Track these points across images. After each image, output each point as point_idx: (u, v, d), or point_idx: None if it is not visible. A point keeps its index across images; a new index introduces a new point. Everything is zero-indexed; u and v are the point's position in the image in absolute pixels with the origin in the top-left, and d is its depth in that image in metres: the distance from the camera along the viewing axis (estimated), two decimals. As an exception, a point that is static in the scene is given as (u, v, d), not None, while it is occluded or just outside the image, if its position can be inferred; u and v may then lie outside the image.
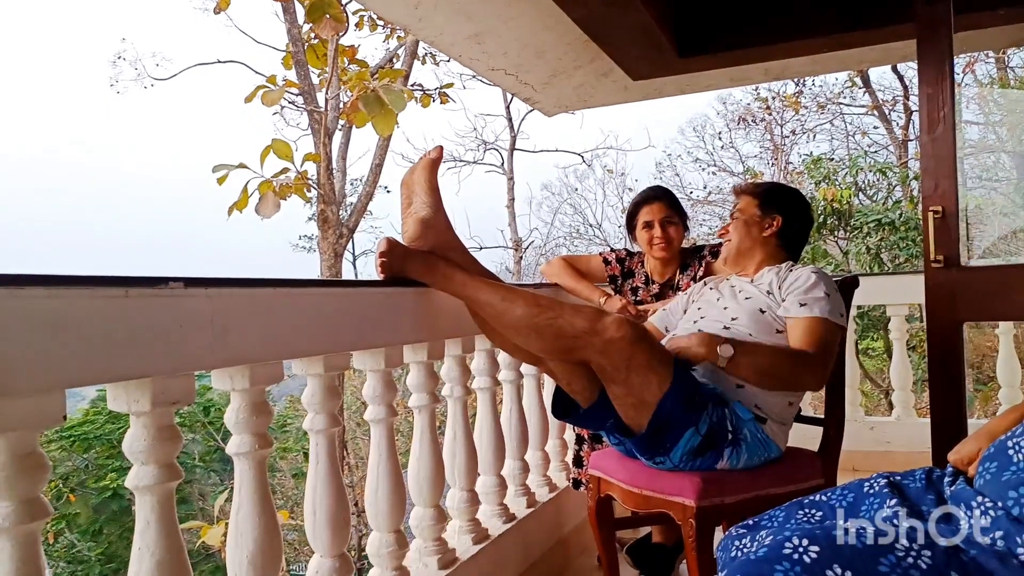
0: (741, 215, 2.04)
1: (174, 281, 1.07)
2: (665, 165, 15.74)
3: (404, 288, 1.68)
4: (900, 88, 11.93)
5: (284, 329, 1.30)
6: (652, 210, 2.52)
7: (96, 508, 10.49)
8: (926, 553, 0.94)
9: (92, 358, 0.96)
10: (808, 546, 0.95)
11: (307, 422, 1.54)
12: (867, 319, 8.16)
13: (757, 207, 2.03)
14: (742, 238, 2.03)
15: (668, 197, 2.57)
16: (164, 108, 41.13)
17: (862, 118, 13.20)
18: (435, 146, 1.77)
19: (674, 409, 1.60)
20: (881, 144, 12.67)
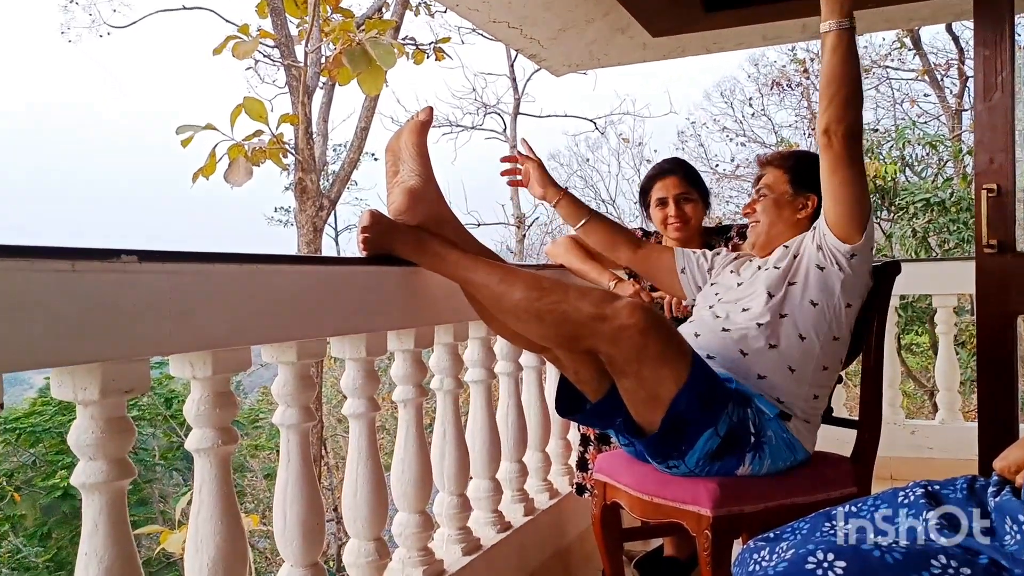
0: (770, 192, 2.03)
1: (127, 254, 1.06)
2: (688, 134, 15.70)
3: (389, 267, 1.68)
4: (955, 50, 11.85)
5: (253, 311, 1.30)
6: (666, 185, 2.52)
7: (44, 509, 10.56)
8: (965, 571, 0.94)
9: (33, 340, 0.96)
10: (834, 561, 0.96)
11: (277, 415, 1.54)
12: (911, 311, 8.17)
13: (788, 183, 2.02)
14: (772, 221, 2.03)
15: (684, 170, 2.56)
16: (122, 60, 40.96)
17: (911, 84, 13.14)
18: (425, 107, 1.76)
19: (690, 407, 1.60)
20: (932, 114, 12.62)
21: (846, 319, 1.88)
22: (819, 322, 1.84)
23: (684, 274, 2.24)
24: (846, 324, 1.89)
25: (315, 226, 7.77)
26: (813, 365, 1.83)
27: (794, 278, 1.87)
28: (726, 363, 1.82)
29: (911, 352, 10.58)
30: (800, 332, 1.83)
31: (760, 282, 1.92)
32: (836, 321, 1.86)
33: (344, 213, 19.72)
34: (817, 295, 1.84)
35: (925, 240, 8.07)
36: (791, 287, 1.87)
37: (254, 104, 3.84)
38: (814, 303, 1.84)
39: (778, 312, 1.84)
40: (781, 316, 1.84)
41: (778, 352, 1.82)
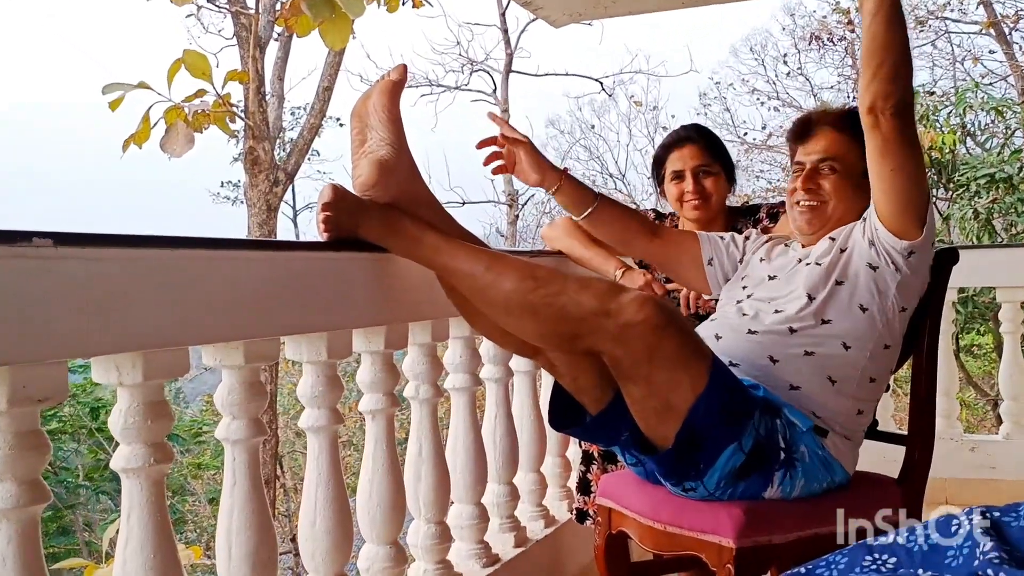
0: (840, 166, 1.95)
1: (40, 237, 1.06)
2: (712, 96, 15.69)
3: (355, 253, 1.67)
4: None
5: (191, 305, 1.30)
6: (683, 155, 2.52)
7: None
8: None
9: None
10: (877, 601, 0.96)
11: (221, 429, 1.54)
12: (972, 306, 8.19)
13: (860, 154, 1.93)
14: (847, 206, 1.95)
15: (705, 138, 2.56)
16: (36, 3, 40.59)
17: (974, 39, 13.15)
18: (398, 64, 1.75)
19: (710, 418, 1.60)
20: (998, 74, 12.64)
21: (900, 324, 1.88)
22: (869, 329, 1.83)
23: (711, 266, 2.17)
24: (899, 330, 1.89)
25: (269, 204, 7.75)
26: (858, 376, 1.83)
27: (842, 276, 1.86)
28: (752, 371, 1.82)
29: (971, 355, 10.62)
30: (845, 340, 1.83)
31: (800, 280, 1.91)
32: (888, 328, 1.86)
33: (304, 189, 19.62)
34: (868, 299, 1.84)
35: (989, 223, 8.08)
36: (838, 287, 1.85)
37: (196, 59, 3.81)
38: (864, 308, 1.84)
39: (820, 317, 1.84)
40: (823, 322, 1.83)
41: (816, 360, 1.81)
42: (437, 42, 18.28)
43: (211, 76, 3.94)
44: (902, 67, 1.71)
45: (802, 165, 1.99)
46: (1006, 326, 3.86)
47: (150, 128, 4.04)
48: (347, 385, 2.00)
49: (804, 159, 1.99)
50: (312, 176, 17.43)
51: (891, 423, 3.79)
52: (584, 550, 2.70)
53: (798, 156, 2.01)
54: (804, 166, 1.98)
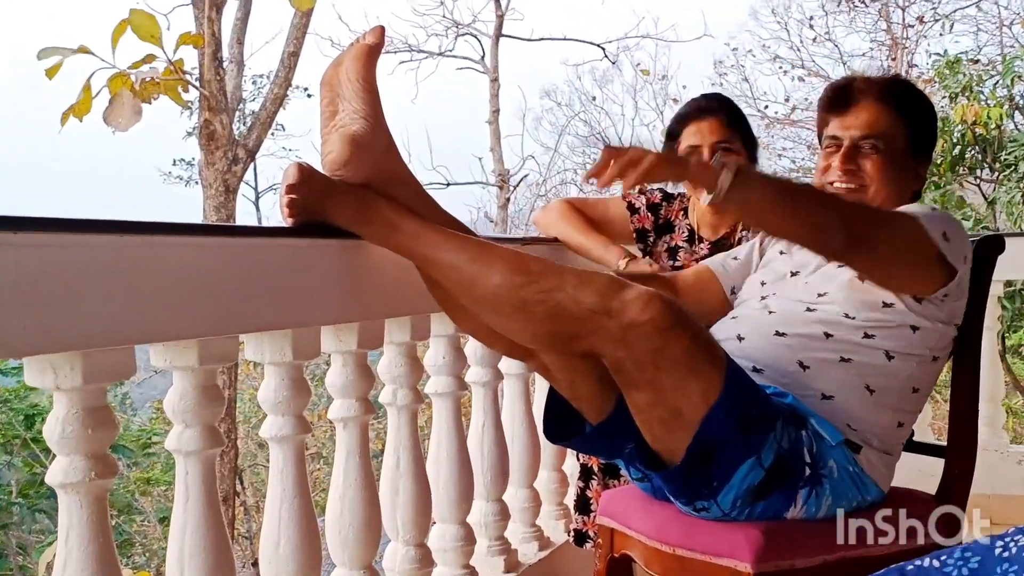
0: (886, 145, 1.93)
1: (-38, 221, 1.05)
2: (728, 64, 15.69)
3: (324, 240, 1.67)
4: (1082, -44, 11.90)
5: (137, 298, 1.29)
6: (702, 129, 2.52)
7: None
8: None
9: None
10: (912, 634, 0.96)
11: (172, 439, 1.53)
12: (1020, 301, 8.22)
13: (908, 139, 1.95)
14: (889, 191, 1.94)
15: (727, 111, 2.56)
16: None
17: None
18: (374, 26, 1.75)
19: (725, 430, 1.61)
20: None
21: (951, 336, 1.91)
22: (919, 345, 1.84)
23: (735, 294, 2.15)
24: (949, 343, 1.91)
25: (227, 185, 7.72)
26: (900, 386, 1.84)
27: (889, 298, 1.84)
28: (779, 377, 1.82)
29: (1019, 356, 10.65)
30: (888, 350, 1.83)
31: (834, 287, 1.89)
32: (939, 340, 1.88)
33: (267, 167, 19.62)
34: (918, 319, 1.84)
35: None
36: (886, 308, 1.84)
37: (144, 19, 3.79)
38: (915, 328, 1.84)
39: (864, 331, 1.84)
40: (866, 335, 1.84)
41: (853, 367, 1.81)
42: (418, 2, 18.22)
43: (161, 39, 3.92)
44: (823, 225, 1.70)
45: (838, 141, 1.97)
46: (1058, 324, 3.88)
47: (92, 98, 4.02)
48: (315, 390, 2.00)
49: (841, 134, 1.96)
50: (276, 153, 17.37)
51: (929, 433, 3.81)
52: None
53: (833, 129, 1.99)
54: (841, 142, 1.96)
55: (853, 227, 1.70)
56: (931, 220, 1.81)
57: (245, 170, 8.28)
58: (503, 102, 14.16)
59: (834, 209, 1.71)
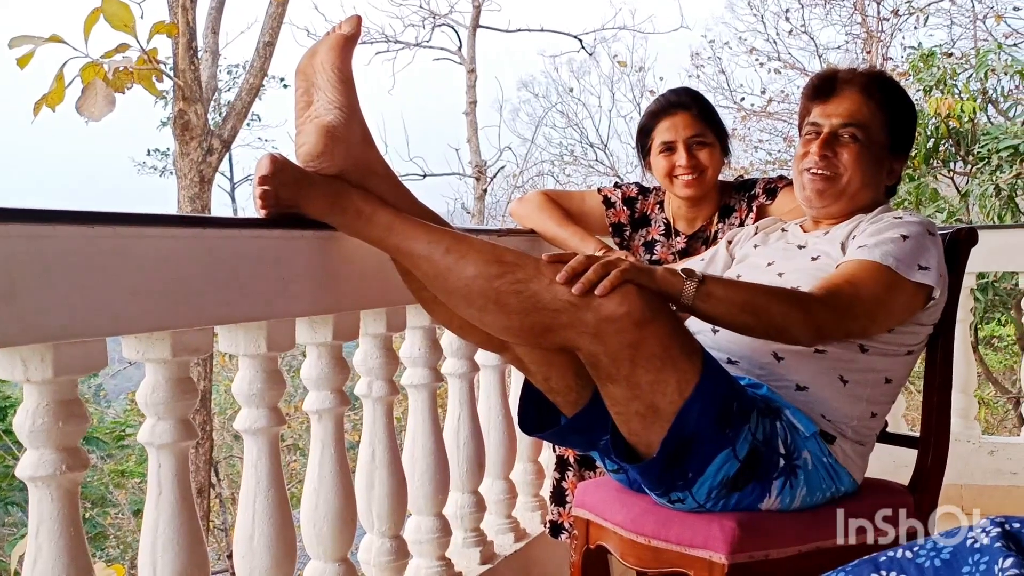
0: (863, 136, 1.95)
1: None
2: (705, 57, 15.71)
3: (298, 232, 1.67)
4: (1055, -50, 11.98)
5: (109, 290, 1.29)
6: (675, 124, 2.53)
7: None
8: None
9: None
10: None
11: (145, 431, 1.53)
12: (992, 293, 8.27)
13: (886, 130, 1.96)
14: (862, 182, 1.96)
15: (699, 105, 2.57)
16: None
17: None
18: (350, 16, 1.74)
19: (701, 422, 1.61)
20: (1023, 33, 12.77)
21: (926, 333, 1.92)
22: (894, 340, 1.86)
23: None
24: (924, 338, 1.93)
25: (202, 175, 7.68)
26: (873, 378, 1.85)
27: None
28: (754, 369, 1.83)
29: (991, 347, 10.75)
30: (863, 344, 1.84)
31: (803, 268, 1.91)
32: (916, 338, 1.90)
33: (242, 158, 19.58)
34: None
35: (1012, 200, 8.16)
36: None
37: (117, 8, 3.76)
38: (890, 329, 1.85)
39: None
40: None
41: (827, 358, 1.82)
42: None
43: (134, 28, 3.89)
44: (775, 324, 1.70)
45: (818, 127, 1.99)
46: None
47: (64, 88, 3.98)
48: (290, 382, 1.99)
49: (822, 121, 1.98)
50: (252, 144, 17.34)
51: (902, 424, 3.83)
52: (558, 567, 2.71)
53: (815, 116, 2.01)
54: (821, 129, 1.98)
55: (819, 327, 1.72)
56: (905, 257, 1.80)
57: (220, 160, 8.23)
58: (480, 93, 14.16)
59: (798, 310, 1.70)
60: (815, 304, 1.71)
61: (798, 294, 1.74)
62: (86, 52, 3.91)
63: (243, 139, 15.03)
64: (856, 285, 1.76)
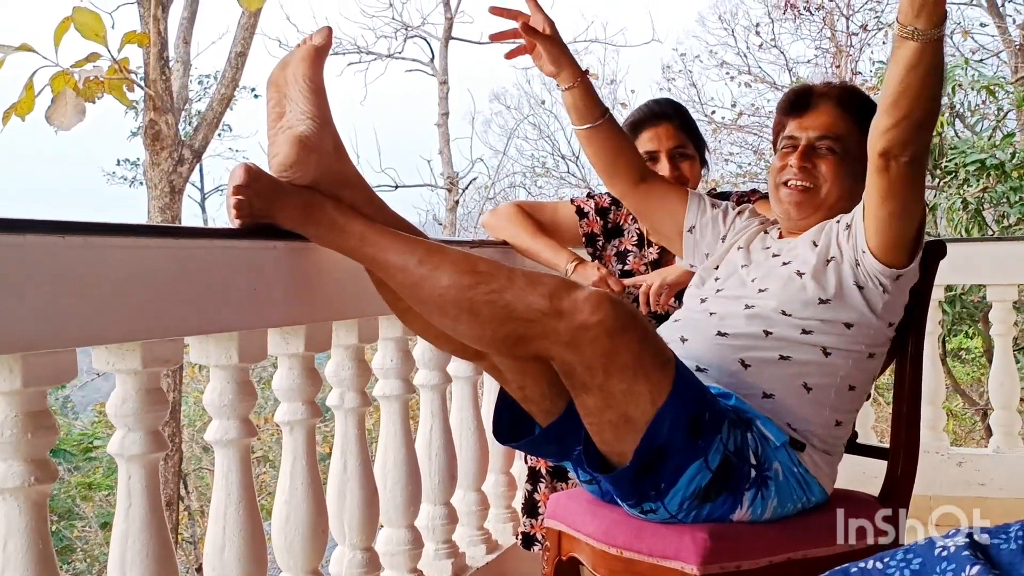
0: (840, 147, 1.98)
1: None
2: (676, 70, 15.79)
3: (270, 242, 1.66)
4: (1020, -33, 12.14)
5: (79, 300, 1.28)
6: (659, 134, 2.54)
7: None
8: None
9: None
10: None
11: (114, 443, 1.52)
12: (960, 306, 8.35)
13: (862, 140, 1.94)
14: (840, 192, 1.99)
15: (681, 117, 2.59)
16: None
17: (963, 10, 13.43)
18: (321, 27, 1.74)
19: (673, 432, 1.61)
20: (990, 49, 12.92)
21: (886, 335, 1.93)
22: (853, 341, 1.87)
23: (690, 234, 2.21)
24: (885, 340, 1.94)
25: (172, 186, 7.64)
26: (837, 383, 1.87)
27: (826, 295, 1.88)
28: (722, 377, 1.84)
29: (959, 360, 10.85)
30: (825, 346, 1.86)
31: (776, 285, 1.93)
32: (874, 338, 1.91)
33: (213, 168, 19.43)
34: (854, 316, 1.87)
35: (979, 214, 8.24)
36: (822, 305, 1.87)
37: (88, 17, 3.74)
38: (849, 324, 1.87)
39: (801, 328, 1.87)
40: (804, 332, 1.86)
41: (791, 365, 1.84)
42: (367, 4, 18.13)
43: (106, 38, 3.87)
44: (929, 119, 1.72)
45: (796, 141, 2.01)
46: (997, 328, 3.93)
47: (34, 97, 3.95)
48: (262, 393, 1.98)
49: (799, 134, 2.01)
50: (223, 154, 17.22)
51: (872, 435, 3.86)
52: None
53: (791, 130, 2.03)
54: (799, 142, 2.00)
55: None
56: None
57: (191, 171, 8.20)
58: (452, 105, 14.17)
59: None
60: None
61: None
62: (56, 61, 3.88)
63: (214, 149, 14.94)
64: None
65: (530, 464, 2.69)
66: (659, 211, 2.25)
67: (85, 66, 4.12)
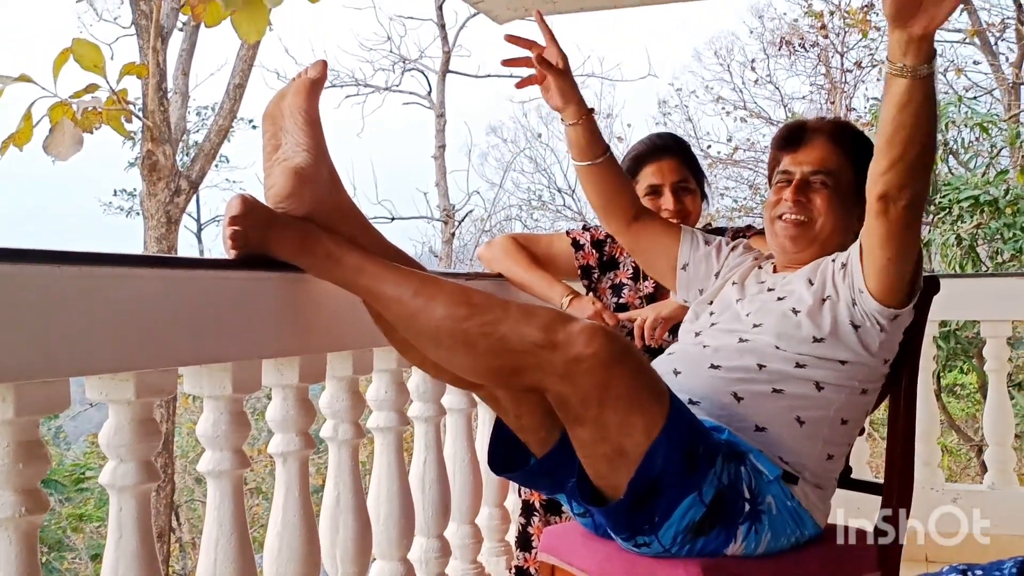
0: (834, 182, 2.00)
1: None
2: (672, 104, 15.91)
3: (266, 273, 1.66)
4: (1013, 6, 12.25)
5: (73, 330, 1.27)
6: (662, 168, 2.56)
7: None
8: None
9: None
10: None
11: (106, 474, 1.51)
12: (954, 341, 8.36)
13: (855, 177, 1.99)
14: (833, 227, 2.00)
15: (684, 151, 2.61)
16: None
17: (957, 48, 13.54)
18: (316, 60, 1.75)
19: (668, 465, 1.61)
20: (983, 87, 13.01)
21: (880, 371, 1.94)
22: (847, 377, 1.88)
23: (684, 271, 2.23)
24: (880, 376, 1.95)
25: (169, 216, 7.66)
26: (830, 417, 1.87)
27: (821, 333, 1.89)
28: (715, 410, 1.84)
29: (954, 395, 10.85)
30: (818, 381, 1.86)
31: (771, 320, 1.94)
32: (868, 374, 1.91)
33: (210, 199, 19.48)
34: (849, 354, 1.88)
35: (972, 250, 8.27)
36: (817, 344, 1.88)
37: (87, 49, 3.76)
38: (843, 361, 1.88)
39: (795, 362, 1.87)
40: (798, 366, 1.87)
41: (784, 399, 1.85)
42: (365, 37, 18.29)
43: (104, 69, 3.89)
44: (924, 160, 1.73)
45: (790, 175, 2.03)
46: (991, 364, 3.93)
47: (32, 127, 3.97)
48: (255, 424, 1.98)
49: (793, 169, 2.03)
50: (220, 185, 17.31)
51: (867, 471, 3.85)
52: (524, 613, 2.69)
53: (786, 165, 2.05)
54: (793, 176, 2.02)
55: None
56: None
57: (188, 201, 8.22)
58: (449, 137, 14.26)
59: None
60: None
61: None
62: (55, 92, 3.90)
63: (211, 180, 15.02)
64: None
65: (524, 497, 2.68)
66: (653, 248, 2.28)
67: (84, 97, 4.14)
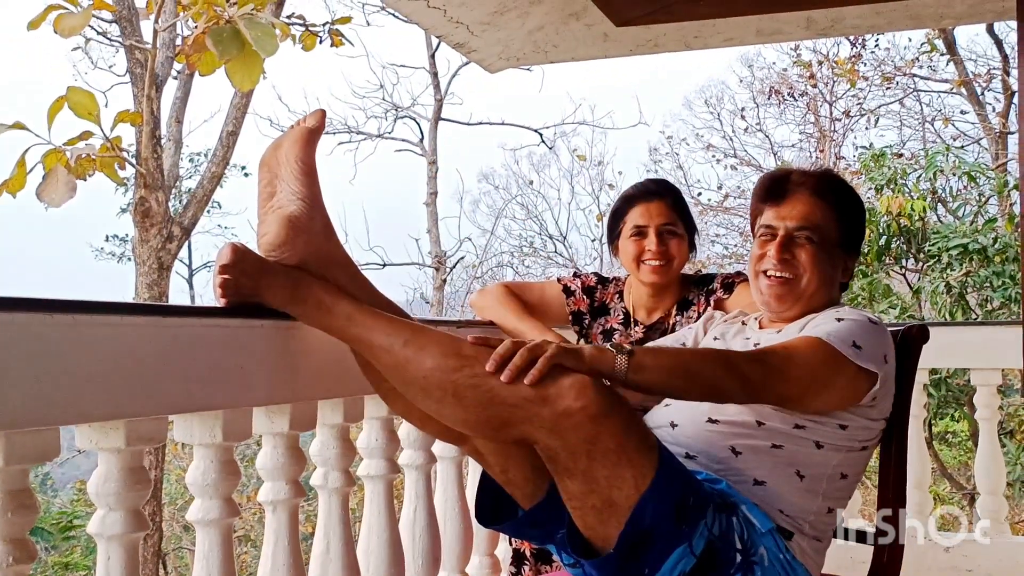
0: (819, 237, 1.98)
1: None
2: (663, 152, 16.05)
3: (256, 321, 1.67)
4: (998, 57, 12.41)
5: (63, 378, 1.27)
6: (649, 211, 2.57)
7: None
8: None
9: None
10: None
11: (95, 522, 1.50)
12: (945, 389, 8.36)
13: (838, 230, 2.00)
14: (819, 283, 1.99)
15: (673, 196, 2.63)
16: (-99, 29, 39.95)
17: (944, 98, 13.71)
18: (315, 110, 1.77)
19: (658, 517, 1.60)
20: (970, 136, 13.14)
21: (879, 429, 1.94)
22: (847, 438, 1.88)
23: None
24: (878, 433, 1.95)
25: (161, 262, 7.65)
26: (829, 472, 1.87)
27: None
28: (712, 463, 1.84)
29: (945, 443, 10.84)
30: (818, 441, 1.86)
31: None
32: (867, 435, 1.91)
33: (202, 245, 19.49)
34: (846, 420, 1.88)
35: (962, 298, 8.30)
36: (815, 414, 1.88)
37: (81, 96, 3.78)
38: (843, 426, 1.87)
39: (793, 423, 1.86)
40: (796, 427, 1.86)
41: (784, 454, 1.84)
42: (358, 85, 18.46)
43: (98, 117, 3.91)
44: (713, 383, 1.72)
45: (773, 230, 2.01)
46: (982, 412, 3.93)
47: (26, 174, 3.98)
48: (245, 471, 1.97)
49: (777, 224, 2.00)
50: (212, 231, 17.33)
51: (859, 519, 3.83)
52: (514, 665, 2.67)
53: (768, 219, 2.03)
54: (776, 231, 2.00)
55: (749, 380, 1.73)
56: (839, 334, 1.83)
57: (180, 247, 8.22)
58: (441, 184, 14.31)
59: (727, 370, 1.72)
60: (743, 361, 1.76)
61: (727, 352, 1.80)
62: (49, 139, 3.92)
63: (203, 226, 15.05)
64: (789, 350, 1.81)
65: (514, 546, 2.66)
66: None
67: (77, 144, 4.17)
